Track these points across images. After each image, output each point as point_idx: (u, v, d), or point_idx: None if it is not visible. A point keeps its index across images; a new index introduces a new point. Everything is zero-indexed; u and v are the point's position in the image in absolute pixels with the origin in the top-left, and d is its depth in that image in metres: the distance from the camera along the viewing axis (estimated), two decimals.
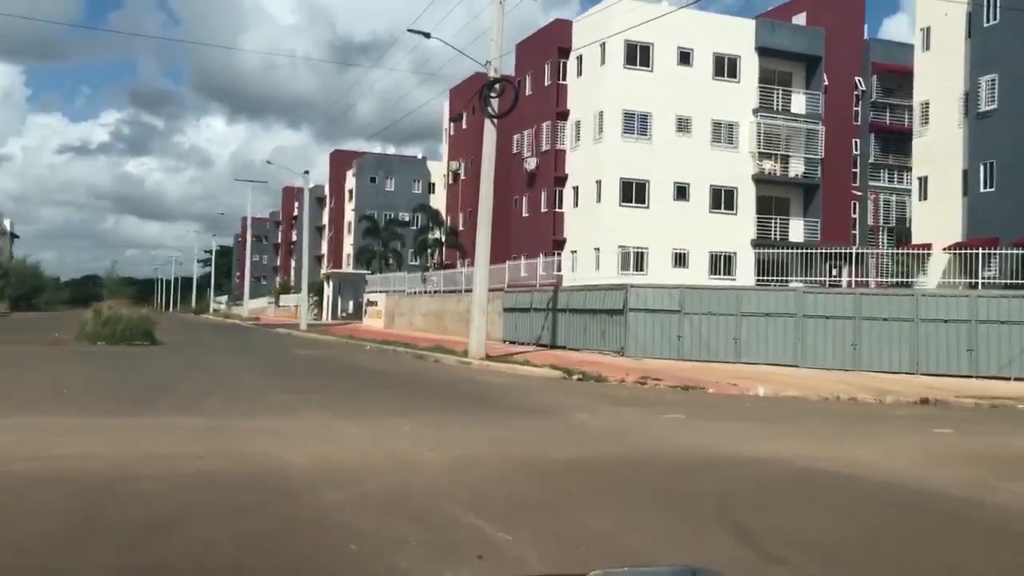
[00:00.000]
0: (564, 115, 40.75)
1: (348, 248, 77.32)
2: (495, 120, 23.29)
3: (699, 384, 16.22)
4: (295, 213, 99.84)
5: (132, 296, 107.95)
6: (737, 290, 25.45)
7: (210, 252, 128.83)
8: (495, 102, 22.94)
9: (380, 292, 47.22)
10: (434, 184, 73.60)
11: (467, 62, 50.54)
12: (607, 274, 35.64)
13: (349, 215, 76.86)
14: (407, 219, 63.83)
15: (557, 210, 40.80)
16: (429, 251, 46.65)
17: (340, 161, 77.88)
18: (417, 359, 23.13)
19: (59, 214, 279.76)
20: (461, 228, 48.68)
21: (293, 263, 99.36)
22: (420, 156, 75.85)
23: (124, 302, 35.85)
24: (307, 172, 45.43)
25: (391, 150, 74.05)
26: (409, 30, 24.32)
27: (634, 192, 38.09)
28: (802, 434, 10.43)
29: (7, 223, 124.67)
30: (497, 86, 22.96)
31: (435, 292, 40.91)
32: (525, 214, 42.86)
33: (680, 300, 23.77)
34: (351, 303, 64.44)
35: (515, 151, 43.51)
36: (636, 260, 37.69)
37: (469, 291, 35.85)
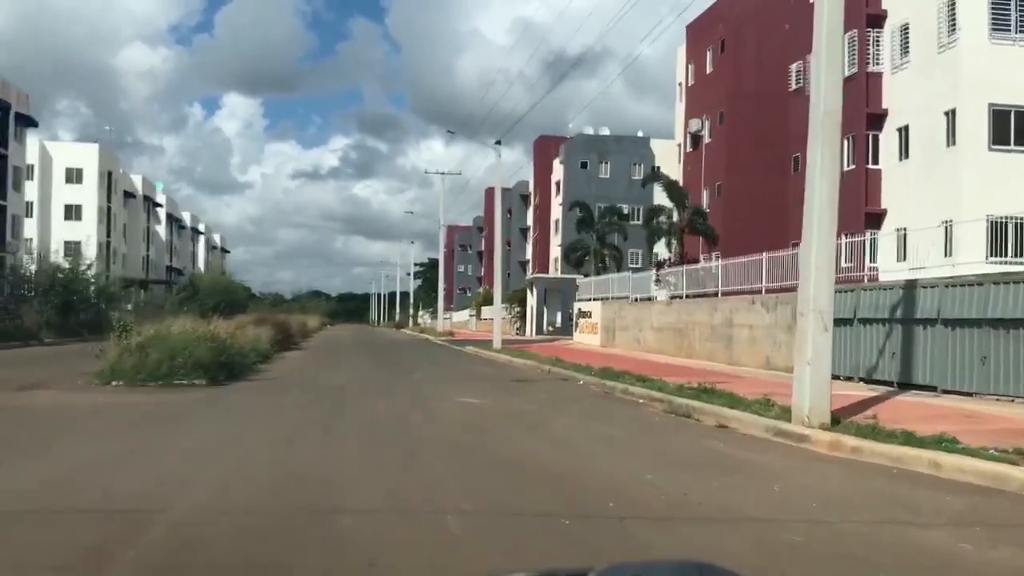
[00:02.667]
0: (878, 20, 26.64)
1: (555, 251, 66.03)
2: None
3: None
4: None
5: (327, 311, 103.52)
6: None
7: (421, 265, 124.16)
8: None
9: (595, 300, 35.10)
10: (659, 168, 60.62)
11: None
12: (967, 260, 21.49)
13: (556, 211, 65.55)
14: (626, 211, 51.52)
15: (870, 166, 26.75)
16: (665, 240, 33.80)
17: (546, 149, 66.75)
18: (680, 422, 10.97)
19: (294, 235, 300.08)
20: (706, 208, 35.50)
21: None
22: (640, 134, 63.21)
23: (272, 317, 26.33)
24: (499, 142, 34.09)
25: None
26: None
27: (1012, 127, 23.40)
28: None
29: (217, 238, 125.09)
30: None
31: (672, 298, 28.40)
32: None
33: None
34: (559, 315, 53.28)
35: (794, 86, 29.94)
36: (1018, 238, 22.99)
37: (728, 294, 23.35)
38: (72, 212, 64.75)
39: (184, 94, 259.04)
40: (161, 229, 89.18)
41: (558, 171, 65.09)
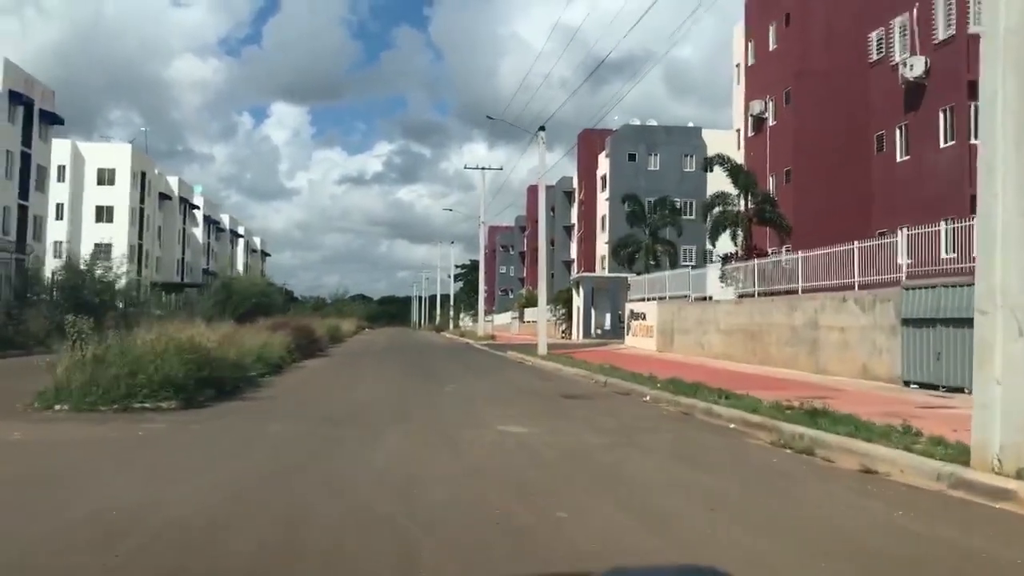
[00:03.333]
0: None
1: (601, 248, 62.72)
2: None
3: None
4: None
5: (367, 315, 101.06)
6: None
7: (463, 267, 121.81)
8: None
9: (649, 299, 31.87)
10: (711, 160, 57.00)
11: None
12: None
13: (602, 207, 62.21)
14: (678, 205, 48.09)
15: (972, 141, 23.15)
16: (730, 232, 30.32)
17: (591, 143, 63.42)
18: (806, 464, 8.08)
19: (340, 240, 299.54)
20: (772, 195, 31.96)
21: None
22: (690, 125, 59.52)
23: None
24: (542, 128, 30.97)
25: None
26: None
27: None
28: None
29: (257, 241, 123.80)
30: None
31: (741, 296, 25.26)
32: (902, 158, 25.49)
33: None
34: (607, 316, 50.15)
35: (874, 56, 26.42)
36: None
37: (810, 292, 20.33)
38: (104, 213, 62.97)
39: (233, 104, 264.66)
40: (198, 232, 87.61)
41: (604, 165, 61.76)
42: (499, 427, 10.07)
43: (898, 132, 25.55)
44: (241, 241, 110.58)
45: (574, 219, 71.89)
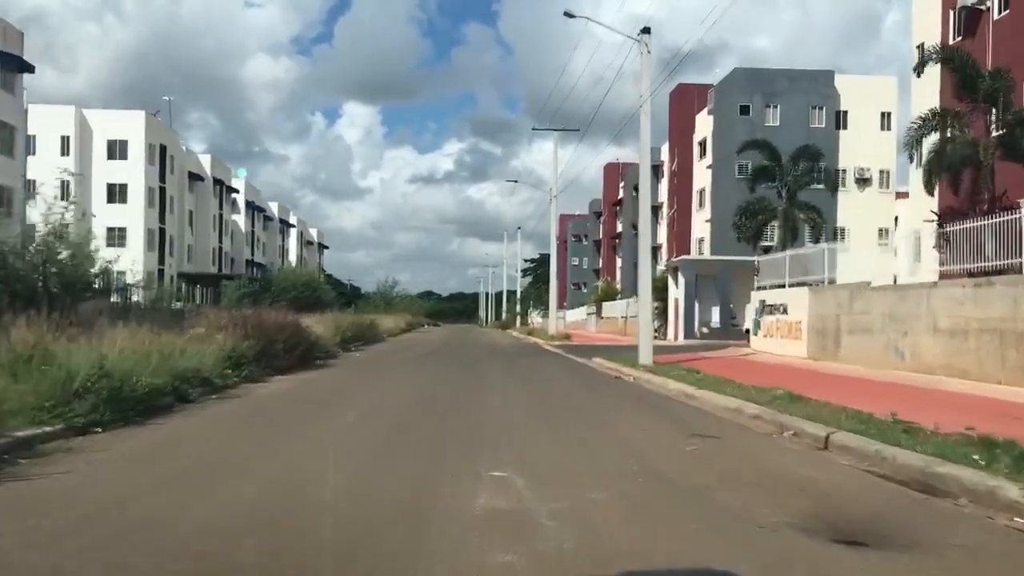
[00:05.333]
0: None
1: (699, 229, 51.75)
2: None
3: None
4: (619, 196, 76.81)
5: (427, 311, 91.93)
6: None
7: (531, 261, 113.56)
8: None
9: (791, 286, 21.29)
10: (846, 112, 45.59)
11: None
12: None
13: (701, 178, 51.08)
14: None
15: None
16: (949, 173, 19.03)
17: (687, 101, 52.35)
18: None
19: (412, 239, 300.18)
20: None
21: (619, 261, 76.31)
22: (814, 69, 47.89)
23: None
24: (647, 31, 20.41)
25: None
26: None
27: None
28: None
29: (314, 232, 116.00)
30: None
31: (975, 274, 14.85)
32: None
33: None
34: (714, 311, 39.59)
35: None
36: None
37: None
38: (116, 193, 54.42)
39: (306, 104, 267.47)
40: (240, 219, 79.25)
41: (703, 127, 50.65)
42: None
43: None
44: (293, 232, 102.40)
45: (662, 197, 60.82)
